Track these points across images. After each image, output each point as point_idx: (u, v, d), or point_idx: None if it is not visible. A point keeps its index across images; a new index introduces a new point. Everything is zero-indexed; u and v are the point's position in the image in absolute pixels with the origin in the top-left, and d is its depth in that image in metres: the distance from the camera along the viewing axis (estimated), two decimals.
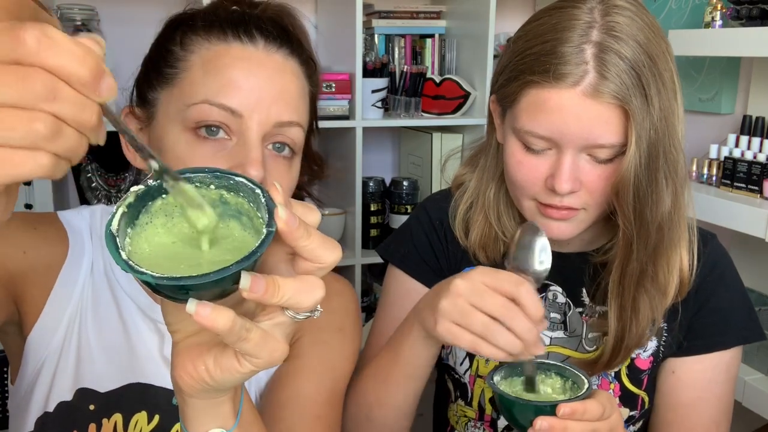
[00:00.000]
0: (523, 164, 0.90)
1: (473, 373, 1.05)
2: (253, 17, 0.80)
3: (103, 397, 0.85)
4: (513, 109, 0.90)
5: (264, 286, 0.49)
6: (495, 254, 1.03)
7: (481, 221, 1.03)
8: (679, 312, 0.99)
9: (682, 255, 0.95)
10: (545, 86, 0.85)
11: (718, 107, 1.90)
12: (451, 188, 1.11)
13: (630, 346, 0.95)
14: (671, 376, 1.02)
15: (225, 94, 0.75)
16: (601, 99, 0.83)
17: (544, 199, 0.90)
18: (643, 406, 1.02)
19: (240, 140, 0.76)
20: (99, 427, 0.84)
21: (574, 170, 0.87)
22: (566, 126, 0.85)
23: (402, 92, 2.24)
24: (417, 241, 1.08)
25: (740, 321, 1.02)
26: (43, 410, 0.85)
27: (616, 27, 0.84)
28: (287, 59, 0.79)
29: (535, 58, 0.86)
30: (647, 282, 0.93)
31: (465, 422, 1.07)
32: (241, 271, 0.48)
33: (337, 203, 2.32)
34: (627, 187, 0.85)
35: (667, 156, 0.87)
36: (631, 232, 0.89)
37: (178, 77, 0.78)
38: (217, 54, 0.77)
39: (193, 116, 0.75)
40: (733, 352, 1.02)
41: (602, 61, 0.83)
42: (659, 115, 0.85)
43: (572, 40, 0.84)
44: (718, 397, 1.02)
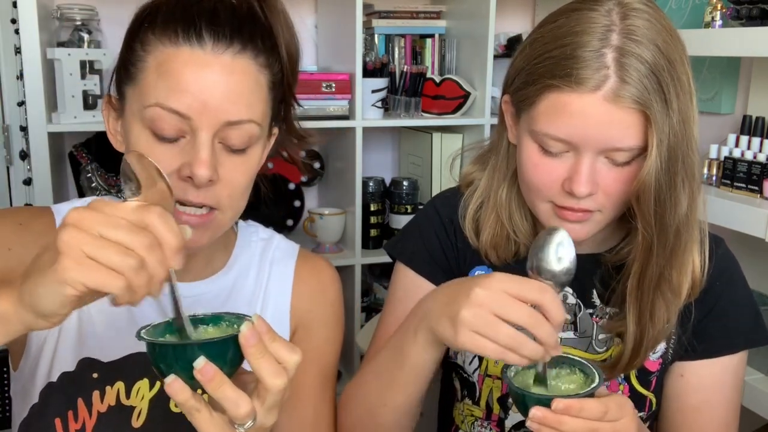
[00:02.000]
0: (540, 167, 0.90)
1: (482, 373, 1.04)
2: (206, 13, 0.82)
3: (105, 366, 0.89)
4: (530, 111, 0.89)
5: (212, 375, 0.64)
6: (506, 254, 1.02)
7: (493, 221, 1.02)
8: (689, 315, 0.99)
9: (694, 256, 0.95)
10: (566, 90, 0.84)
11: (718, 107, 1.90)
12: (460, 186, 1.10)
13: (648, 348, 0.95)
14: (680, 379, 1.02)
15: (174, 98, 0.79)
16: (622, 104, 0.83)
17: (560, 202, 0.90)
18: (650, 407, 1.02)
19: (192, 140, 0.80)
20: (102, 394, 0.88)
21: (592, 173, 0.87)
22: (586, 130, 0.84)
23: (402, 92, 2.24)
24: (426, 240, 1.07)
25: (748, 325, 1.02)
26: (47, 381, 0.88)
27: (636, 30, 0.84)
28: (236, 58, 0.81)
29: (555, 62, 0.86)
30: (665, 286, 0.93)
31: (471, 421, 1.07)
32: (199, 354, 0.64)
33: (337, 203, 2.32)
34: (648, 191, 0.85)
35: (685, 159, 0.87)
36: (652, 236, 0.88)
37: (137, 77, 0.82)
38: (168, 57, 0.80)
39: (148, 117, 0.80)
40: (740, 355, 1.02)
41: (623, 66, 0.83)
42: (678, 119, 0.85)
43: (592, 44, 0.84)
44: (727, 400, 1.02)
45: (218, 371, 0.65)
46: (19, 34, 1.78)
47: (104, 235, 0.60)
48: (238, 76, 0.81)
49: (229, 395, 0.65)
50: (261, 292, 0.99)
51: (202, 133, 0.80)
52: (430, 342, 0.86)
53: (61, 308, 0.62)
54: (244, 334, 0.65)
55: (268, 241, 1.03)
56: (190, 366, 0.64)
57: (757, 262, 1.74)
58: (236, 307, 0.96)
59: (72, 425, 0.87)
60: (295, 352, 0.69)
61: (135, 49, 0.83)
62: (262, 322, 0.67)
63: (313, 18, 2.37)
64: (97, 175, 2.06)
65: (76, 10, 2.00)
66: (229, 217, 0.86)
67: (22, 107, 2.00)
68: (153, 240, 0.61)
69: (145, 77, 0.81)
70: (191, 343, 0.66)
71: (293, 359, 0.68)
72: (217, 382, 0.65)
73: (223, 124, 0.80)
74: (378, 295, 2.46)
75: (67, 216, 0.61)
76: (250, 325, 0.66)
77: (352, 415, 1.00)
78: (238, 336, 0.66)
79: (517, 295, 0.77)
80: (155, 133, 0.81)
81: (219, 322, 0.73)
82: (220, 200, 0.83)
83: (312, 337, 1.00)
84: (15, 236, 0.88)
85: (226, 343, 0.66)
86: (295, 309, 1.00)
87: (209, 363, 0.64)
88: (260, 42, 0.84)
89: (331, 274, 1.05)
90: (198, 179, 0.79)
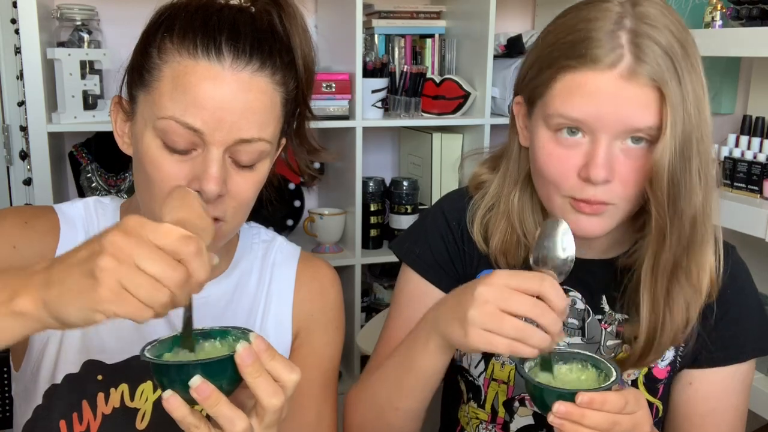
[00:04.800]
0: (554, 156, 0.89)
1: (488, 377, 1.04)
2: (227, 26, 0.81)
3: (109, 368, 0.89)
4: (545, 97, 0.89)
5: (208, 393, 0.65)
6: (516, 260, 1.01)
7: (503, 226, 1.01)
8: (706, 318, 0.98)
9: (710, 255, 0.95)
10: (581, 70, 0.85)
11: (718, 107, 1.90)
12: (468, 188, 1.09)
13: (664, 342, 0.94)
14: (688, 387, 1.01)
15: (190, 113, 0.78)
16: (638, 81, 0.83)
17: (577, 194, 0.89)
18: (657, 414, 1.02)
19: (203, 154, 0.80)
20: (107, 396, 0.89)
21: (609, 158, 0.86)
22: (602, 109, 0.84)
23: (402, 92, 2.24)
24: (432, 244, 1.06)
25: (757, 332, 1.02)
26: (50, 383, 0.89)
27: (649, 15, 0.85)
28: (254, 76, 0.81)
29: (570, 46, 0.86)
30: (682, 276, 0.92)
31: (476, 424, 1.07)
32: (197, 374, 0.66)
33: (337, 203, 2.32)
34: (662, 172, 0.84)
35: (699, 146, 0.86)
36: (665, 220, 0.87)
37: (152, 85, 0.81)
38: (185, 70, 0.79)
39: (161, 127, 0.80)
40: (749, 363, 1.02)
41: (637, 45, 0.83)
42: (693, 103, 0.85)
43: (606, 28, 0.85)
44: (734, 407, 1.02)
45: (214, 389, 0.66)
46: (19, 34, 1.78)
47: (140, 265, 0.61)
48: (254, 95, 0.81)
49: (226, 413, 0.66)
50: (263, 296, 0.99)
51: (213, 149, 0.79)
52: (441, 348, 0.87)
53: (85, 325, 0.64)
54: (240, 354, 0.67)
55: (270, 243, 1.03)
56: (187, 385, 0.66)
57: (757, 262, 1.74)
58: (238, 310, 0.96)
59: (77, 427, 0.87)
60: (294, 372, 0.69)
61: (151, 55, 0.82)
62: (260, 341, 0.68)
63: (313, 18, 2.37)
64: (97, 175, 2.06)
65: (76, 10, 2.00)
66: (232, 228, 0.86)
67: (22, 107, 2.00)
68: (185, 276, 0.62)
69: (159, 86, 0.80)
70: (190, 363, 0.67)
71: (292, 379, 0.69)
72: (214, 400, 0.66)
73: (236, 141, 0.80)
74: (378, 295, 2.46)
75: (107, 237, 0.62)
76: (247, 345, 0.67)
77: (360, 417, 1.01)
78: None
79: (518, 287, 0.78)
80: (166, 144, 0.80)
81: (226, 336, 0.73)
82: (225, 213, 0.83)
83: (314, 340, 1.00)
84: (20, 235, 0.89)
85: (224, 363, 0.67)
86: (297, 313, 1.00)
87: (205, 382, 0.65)
88: (278, 59, 0.83)
89: (332, 277, 1.04)
90: (207, 195, 0.79)
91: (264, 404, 0.68)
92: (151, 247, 0.61)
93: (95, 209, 0.95)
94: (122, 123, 0.88)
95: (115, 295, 0.60)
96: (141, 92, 0.83)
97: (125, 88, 0.88)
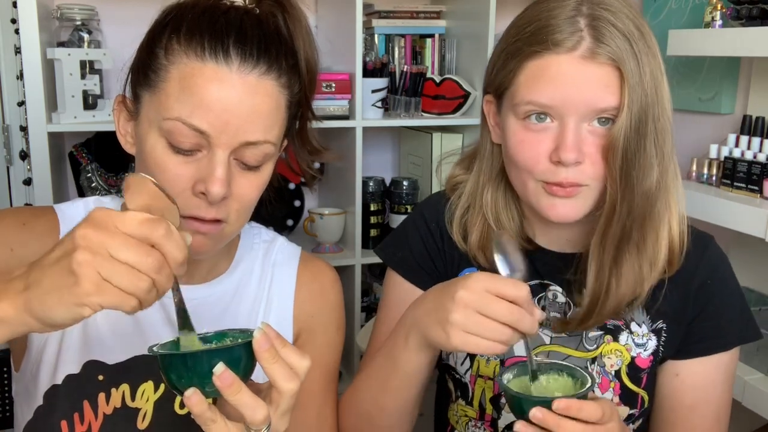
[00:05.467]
0: (525, 142, 0.92)
1: (474, 373, 1.05)
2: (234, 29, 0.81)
3: (110, 368, 0.89)
4: (511, 87, 0.93)
5: (231, 381, 0.65)
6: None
7: (480, 223, 1.04)
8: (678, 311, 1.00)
9: (672, 230, 0.97)
10: (543, 55, 0.88)
11: (718, 107, 1.90)
12: (446, 190, 1.11)
13: (607, 308, 0.96)
14: (675, 378, 1.03)
15: (196, 115, 0.79)
16: (599, 60, 0.87)
17: (549, 178, 0.91)
18: (642, 404, 1.03)
19: (208, 155, 0.80)
20: (108, 396, 0.89)
21: (577, 140, 0.89)
22: (566, 91, 0.87)
23: (402, 92, 2.24)
24: (413, 246, 1.09)
25: (738, 321, 1.03)
26: (51, 383, 0.88)
27: (605, 3, 0.89)
28: (261, 78, 0.81)
29: (531, 34, 0.90)
30: (632, 248, 0.94)
31: (465, 422, 1.08)
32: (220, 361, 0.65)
33: (337, 203, 2.32)
34: (617, 147, 0.88)
35: (656, 123, 0.90)
36: (616, 192, 0.90)
37: (158, 86, 0.81)
38: (193, 72, 0.80)
39: (167, 128, 0.80)
40: (732, 352, 1.03)
41: (596, 28, 0.87)
42: (650, 83, 0.88)
43: (565, 15, 0.89)
44: (719, 397, 1.03)
45: (236, 377, 0.66)
46: (19, 34, 1.77)
47: (114, 256, 0.61)
48: (260, 98, 0.81)
49: (247, 401, 0.66)
50: (264, 296, 0.99)
51: (219, 151, 0.80)
52: (421, 346, 0.88)
53: (73, 322, 0.64)
54: (257, 339, 0.67)
55: (271, 243, 1.03)
56: (202, 375, 0.65)
57: (757, 262, 1.74)
58: (239, 310, 0.97)
59: (78, 427, 0.87)
60: (304, 358, 0.70)
61: (157, 55, 0.82)
62: (270, 329, 0.69)
63: (313, 18, 2.37)
64: (97, 175, 2.06)
65: (76, 10, 2.00)
66: (234, 229, 0.87)
67: (22, 107, 2.00)
68: (161, 260, 0.63)
69: (166, 87, 0.80)
70: (205, 351, 0.67)
71: (303, 364, 0.70)
72: (236, 387, 0.66)
73: (241, 144, 0.81)
74: (378, 295, 2.46)
75: (76, 233, 0.62)
76: (262, 331, 0.67)
77: (350, 419, 1.02)
78: (249, 343, 0.67)
79: (497, 293, 0.81)
80: (171, 145, 0.80)
81: (223, 339, 0.73)
82: (229, 214, 0.83)
83: (314, 341, 1.01)
84: (17, 236, 0.88)
85: (238, 351, 0.67)
86: (298, 313, 1.00)
87: (227, 369, 0.65)
88: (284, 62, 0.84)
89: (332, 277, 1.05)
90: (212, 197, 0.79)
91: (282, 389, 0.68)
92: (122, 236, 0.62)
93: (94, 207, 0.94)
94: (125, 122, 0.88)
95: (97, 287, 0.61)
96: (146, 92, 0.83)
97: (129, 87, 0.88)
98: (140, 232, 0.62)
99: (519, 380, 0.84)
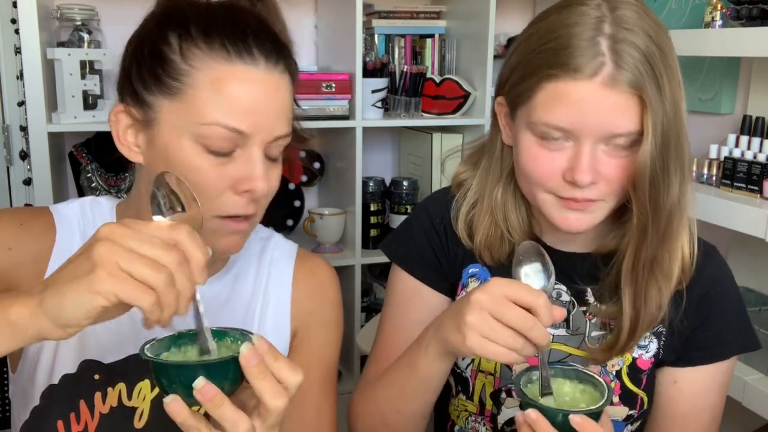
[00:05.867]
0: (539, 158, 0.91)
1: (475, 368, 1.05)
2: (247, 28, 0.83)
3: (106, 367, 0.89)
4: (528, 104, 0.91)
5: (212, 395, 0.65)
6: (500, 255, 1.03)
7: (487, 222, 1.03)
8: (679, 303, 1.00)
9: (683, 242, 0.97)
10: (563, 79, 0.86)
11: (718, 107, 1.90)
12: (450, 186, 1.11)
13: (643, 330, 0.97)
14: (673, 386, 1.03)
15: (234, 117, 0.80)
16: (619, 88, 0.85)
17: (562, 193, 0.91)
18: (642, 405, 1.03)
19: (245, 154, 0.82)
20: (104, 395, 0.89)
21: (593, 161, 0.88)
22: (585, 117, 0.86)
23: (402, 92, 2.24)
24: (417, 241, 1.09)
25: (738, 330, 1.04)
26: (47, 383, 0.89)
27: (627, 20, 0.87)
28: (282, 76, 0.85)
29: (551, 53, 0.88)
30: (657, 268, 0.95)
31: (465, 417, 1.08)
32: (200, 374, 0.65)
33: (337, 203, 2.32)
34: (644, 174, 0.87)
35: (677, 145, 0.89)
36: (646, 218, 0.90)
37: (184, 92, 0.81)
38: (223, 75, 0.81)
39: (204, 133, 0.81)
40: (729, 361, 1.04)
41: (617, 52, 0.85)
42: (670, 105, 0.87)
43: (586, 34, 0.86)
44: (712, 405, 1.04)
45: (218, 391, 0.65)
46: (19, 34, 1.78)
47: (137, 250, 0.62)
48: (282, 93, 0.84)
49: (229, 415, 0.66)
50: (260, 293, 0.99)
51: (255, 149, 0.82)
52: (440, 354, 0.89)
53: (85, 319, 0.63)
54: (244, 355, 0.66)
55: (267, 240, 1.03)
56: (190, 385, 0.65)
57: (757, 262, 1.74)
58: (236, 308, 0.96)
59: (74, 427, 0.87)
60: (297, 373, 0.69)
61: (172, 60, 0.81)
62: (263, 342, 0.68)
63: (313, 18, 2.37)
64: (97, 175, 2.06)
65: (76, 10, 2.00)
66: (259, 218, 0.89)
67: (22, 107, 2.00)
68: (182, 257, 0.64)
69: (195, 94, 0.80)
70: (193, 364, 0.67)
71: (295, 380, 0.69)
72: (217, 402, 0.65)
73: (273, 139, 0.83)
74: (378, 295, 2.46)
75: (100, 230, 0.63)
76: (251, 346, 0.67)
77: (365, 420, 1.03)
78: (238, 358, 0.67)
79: (514, 299, 0.80)
80: (210, 150, 0.82)
81: (224, 338, 0.73)
82: (260, 207, 0.86)
83: (312, 338, 1.01)
84: (15, 236, 0.89)
85: (227, 364, 0.67)
86: (296, 310, 1.00)
87: (209, 383, 0.65)
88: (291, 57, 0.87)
89: (330, 274, 1.05)
90: (258, 193, 0.82)
91: (269, 406, 0.67)
92: (145, 234, 0.63)
93: (91, 209, 0.95)
94: (129, 131, 0.86)
95: (113, 275, 0.61)
96: (164, 99, 0.82)
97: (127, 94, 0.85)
98: (163, 234, 0.64)
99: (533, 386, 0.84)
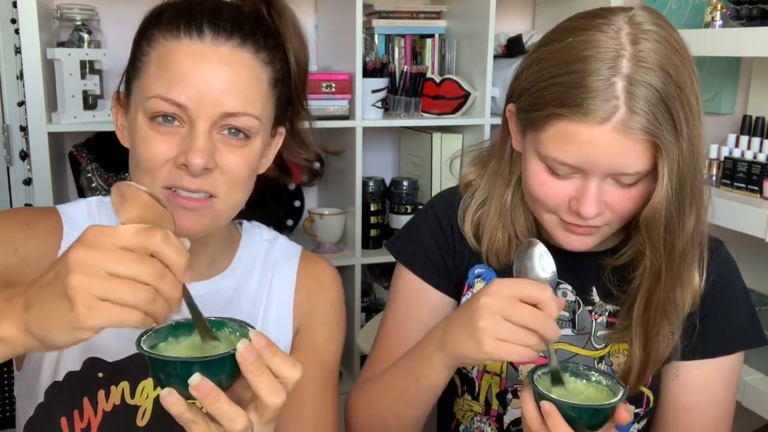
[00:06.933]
0: (547, 185, 0.90)
1: (481, 369, 1.05)
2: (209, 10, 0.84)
3: (110, 365, 0.90)
4: (537, 134, 0.89)
5: (207, 391, 0.64)
6: (508, 258, 1.02)
7: (495, 225, 1.03)
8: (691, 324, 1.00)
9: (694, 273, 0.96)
10: (574, 120, 0.84)
11: (718, 107, 1.90)
12: (458, 187, 1.10)
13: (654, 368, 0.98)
14: (675, 379, 1.03)
15: (174, 90, 0.81)
16: (632, 135, 0.83)
17: (566, 218, 0.91)
18: (648, 403, 1.03)
19: (189, 128, 0.82)
20: (108, 393, 0.89)
21: (600, 194, 0.88)
22: (596, 158, 0.85)
23: (402, 92, 2.24)
24: (423, 241, 1.08)
25: (744, 326, 1.03)
26: (52, 381, 0.89)
27: (646, 57, 0.83)
28: (235, 50, 0.84)
29: (563, 90, 0.85)
30: (670, 308, 0.94)
31: (471, 416, 1.08)
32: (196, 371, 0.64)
33: (337, 203, 2.32)
34: (659, 219, 0.86)
35: (693, 184, 0.88)
36: (660, 263, 0.90)
37: (142, 71, 0.85)
38: (169, 50, 0.83)
39: (149, 107, 0.82)
40: (736, 356, 1.03)
41: (632, 95, 0.82)
42: (687, 145, 0.85)
43: (601, 73, 0.83)
44: (720, 401, 1.03)
45: (214, 387, 0.65)
46: (19, 34, 1.78)
47: (113, 272, 0.60)
48: (236, 68, 0.83)
49: (225, 411, 0.66)
50: (264, 293, 0.99)
51: (199, 123, 0.81)
52: (445, 365, 0.90)
53: (75, 344, 0.64)
54: (240, 352, 0.66)
55: (272, 242, 1.03)
56: (186, 380, 0.65)
57: (757, 262, 1.74)
58: (239, 308, 0.97)
59: (78, 424, 0.88)
60: (295, 368, 0.69)
61: (141, 45, 0.86)
62: (260, 338, 0.67)
63: (313, 18, 2.37)
64: (97, 175, 2.06)
65: (76, 10, 2.00)
66: (228, 206, 0.87)
67: (22, 107, 2.00)
68: (161, 268, 0.62)
69: (147, 70, 0.84)
70: (189, 360, 0.66)
71: (294, 375, 0.69)
72: (213, 397, 0.65)
73: (221, 115, 0.82)
74: (378, 295, 2.46)
75: (69, 255, 0.61)
76: (247, 343, 0.66)
77: (363, 421, 1.03)
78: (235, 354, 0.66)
79: (522, 297, 0.81)
80: (156, 120, 0.82)
81: (222, 328, 0.72)
82: (217, 188, 0.84)
83: (314, 337, 1.01)
84: (21, 237, 0.89)
85: (223, 361, 0.66)
86: (298, 310, 1.00)
87: (204, 379, 0.64)
88: (262, 39, 0.86)
89: (332, 274, 1.05)
90: (193, 168, 0.80)
91: (266, 402, 0.67)
92: (117, 251, 0.61)
93: (98, 208, 0.96)
94: (121, 118, 0.91)
95: (91, 309, 0.60)
96: (135, 82, 0.86)
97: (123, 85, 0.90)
98: (136, 243, 0.61)
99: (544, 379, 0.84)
